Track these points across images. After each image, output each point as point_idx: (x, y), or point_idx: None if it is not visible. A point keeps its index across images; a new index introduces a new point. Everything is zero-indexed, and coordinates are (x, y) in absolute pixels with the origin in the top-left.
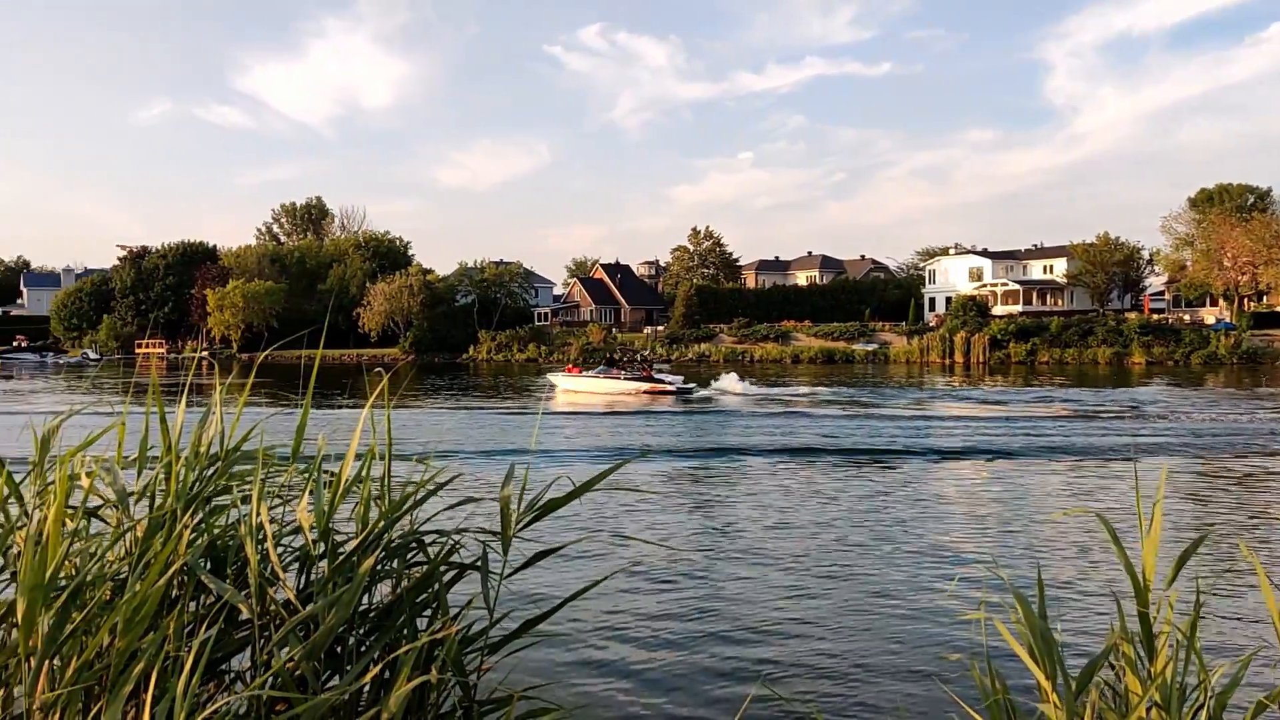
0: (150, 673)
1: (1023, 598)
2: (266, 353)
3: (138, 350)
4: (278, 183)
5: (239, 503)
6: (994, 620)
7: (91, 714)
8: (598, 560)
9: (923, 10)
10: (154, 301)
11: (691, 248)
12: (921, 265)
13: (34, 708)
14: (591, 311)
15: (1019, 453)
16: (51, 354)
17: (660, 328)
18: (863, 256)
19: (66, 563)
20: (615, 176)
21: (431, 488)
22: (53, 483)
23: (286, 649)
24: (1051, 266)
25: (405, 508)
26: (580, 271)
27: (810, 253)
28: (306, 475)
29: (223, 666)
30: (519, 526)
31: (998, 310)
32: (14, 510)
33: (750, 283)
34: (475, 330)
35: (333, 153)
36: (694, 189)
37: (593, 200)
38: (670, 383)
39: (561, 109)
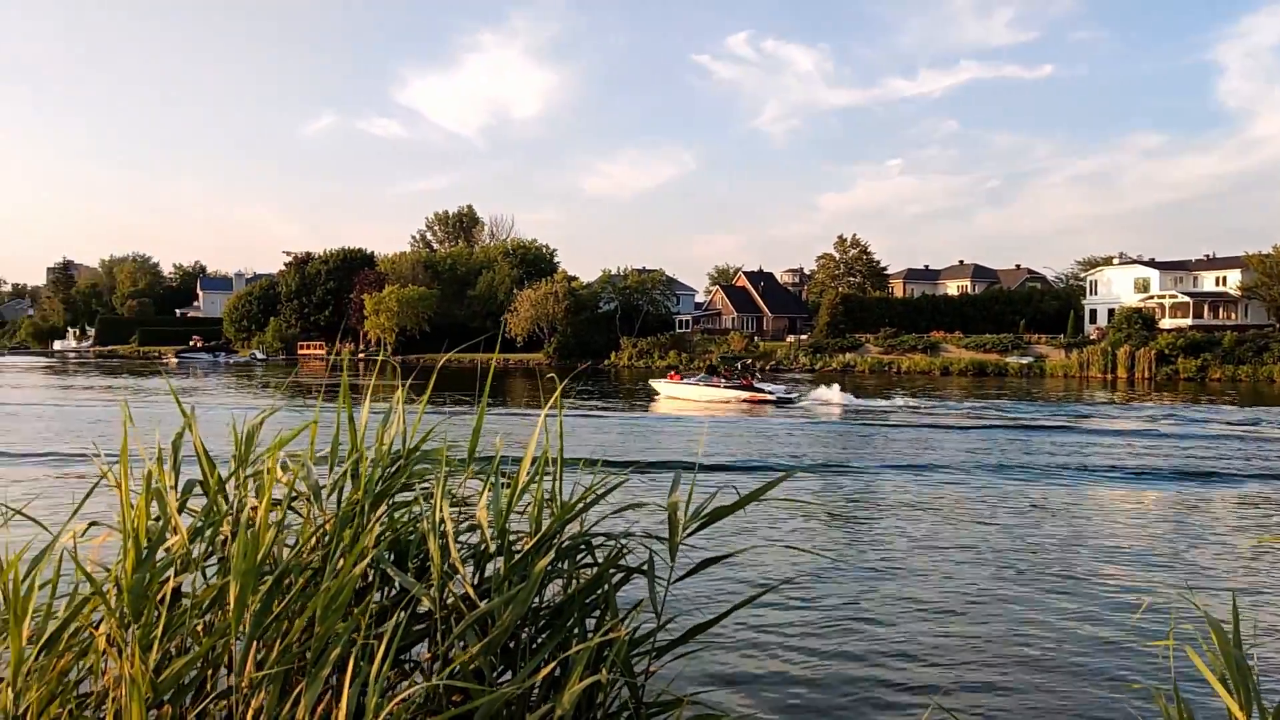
0: (346, 658)
1: (1217, 625)
2: (447, 356)
3: (300, 351)
4: (431, 192)
5: (421, 500)
6: (1185, 648)
7: (293, 695)
8: (754, 569)
9: (1087, 11)
10: (315, 305)
11: (837, 255)
12: (1082, 276)
13: (241, 685)
14: (733, 319)
15: (1194, 474)
16: (223, 354)
17: (804, 336)
18: (1018, 266)
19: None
20: (759, 184)
21: (600, 492)
22: (254, 475)
23: (463, 642)
24: (1225, 278)
25: (577, 510)
26: (722, 279)
27: (962, 262)
28: (480, 476)
29: (401, 656)
30: (686, 533)
31: (1165, 323)
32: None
33: (898, 292)
34: (617, 336)
35: (483, 162)
36: (840, 196)
37: (736, 208)
38: (770, 392)
39: (707, 117)
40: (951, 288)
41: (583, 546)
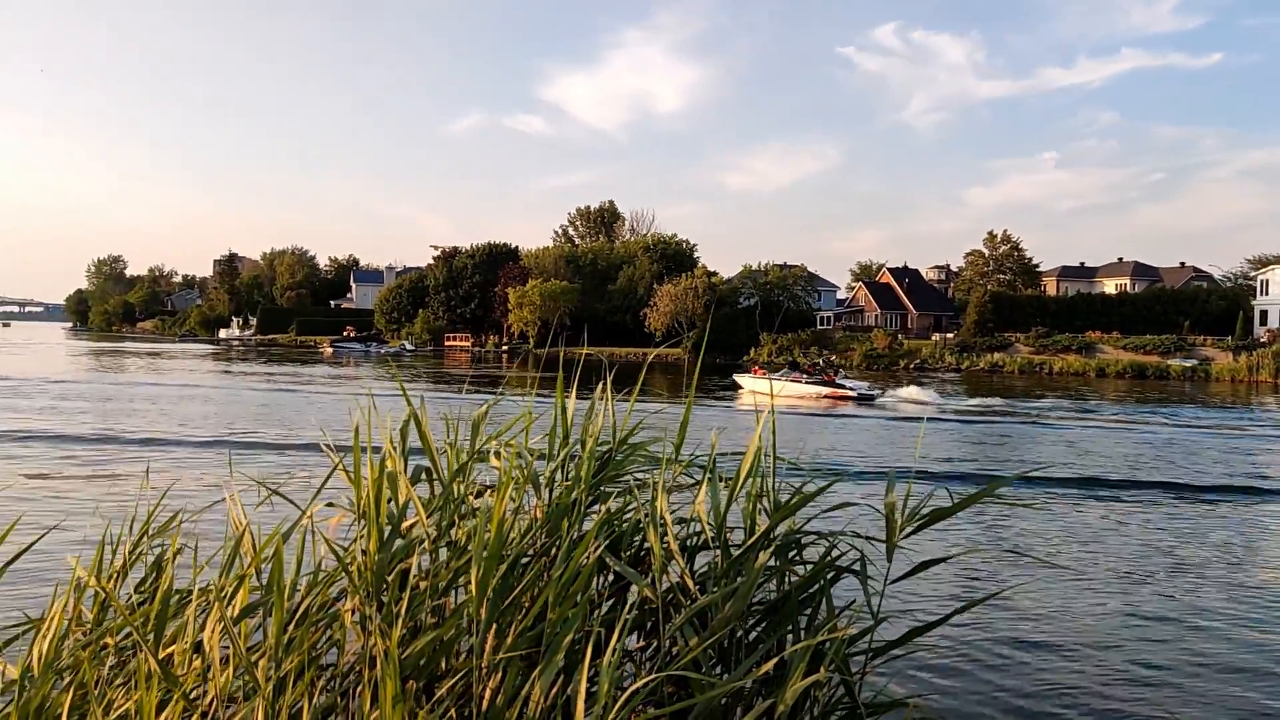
0: (576, 644)
1: None
2: (666, 348)
3: (446, 343)
4: (573, 187)
5: (635, 491)
6: None
7: (532, 678)
8: (966, 574)
9: None
10: (462, 298)
11: (987, 252)
12: (1252, 275)
13: (481, 666)
14: (876, 316)
15: None
16: (375, 344)
17: (950, 335)
18: (1182, 264)
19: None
20: (904, 178)
21: (813, 490)
22: (475, 462)
23: (681, 634)
24: None
25: (794, 507)
26: (865, 275)
27: (1121, 259)
28: (683, 470)
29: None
30: (903, 534)
31: None
32: (421, 488)
33: (1051, 290)
34: (757, 332)
35: (625, 158)
36: (989, 191)
37: (880, 203)
38: (851, 389)
39: (851, 111)
40: (1109, 286)
41: (795, 544)
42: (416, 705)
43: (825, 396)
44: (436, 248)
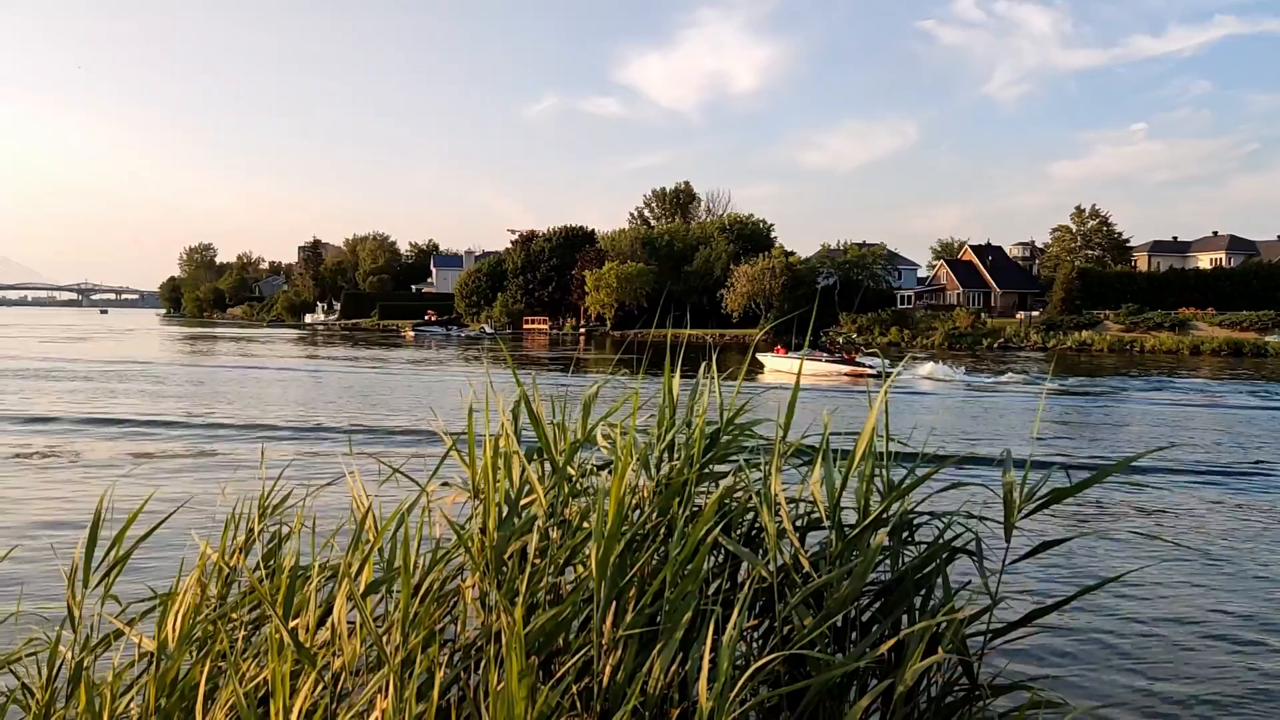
0: (694, 622)
1: None
2: (768, 331)
3: (524, 326)
4: (648, 168)
5: (747, 470)
6: None
7: (651, 656)
8: (1086, 556)
9: None
10: (539, 281)
11: (1074, 227)
12: None
13: (602, 643)
14: (958, 295)
15: None
16: (455, 327)
17: (1035, 313)
18: None
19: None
20: (986, 154)
21: (926, 471)
22: (583, 443)
23: (796, 614)
24: None
25: (908, 488)
26: (946, 253)
27: (1216, 233)
28: (794, 453)
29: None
30: (1021, 514)
31: None
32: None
33: (1141, 265)
34: (836, 312)
35: (700, 138)
36: (1075, 164)
37: (961, 179)
38: (871, 366)
39: (931, 86)
40: (1203, 261)
41: (908, 524)
42: (537, 681)
43: (846, 374)
44: (514, 231)
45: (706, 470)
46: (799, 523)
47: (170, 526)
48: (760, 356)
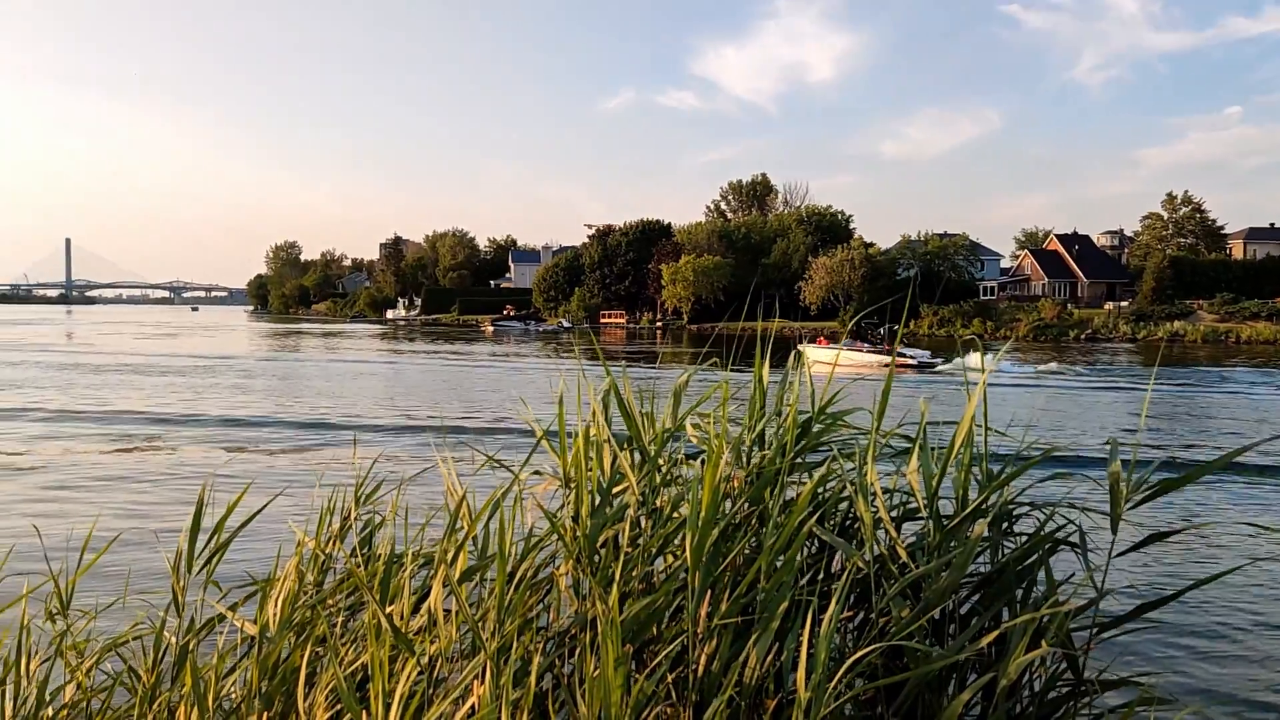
0: (791, 613)
1: None
2: (821, 320)
3: (601, 320)
4: (725, 161)
5: (841, 460)
6: None
7: (746, 646)
8: (1198, 547)
9: None
10: (616, 275)
11: (1165, 215)
12: None
13: (697, 632)
14: (1043, 285)
15: None
16: (533, 322)
17: (1124, 303)
18: None
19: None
20: (1072, 141)
21: (1028, 460)
22: (677, 428)
23: (893, 605)
24: None
25: (1008, 478)
26: (1031, 242)
27: None
28: (890, 443)
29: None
30: (1128, 505)
31: None
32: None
33: (1237, 253)
34: (916, 304)
35: (777, 129)
36: (1165, 150)
37: (1046, 167)
38: (912, 357)
39: (1015, 72)
40: None
41: (1008, 515)
42: (631, 669)
43: (886, 365)
44: (591, 226)
45: (798, 460)
46: (894, 513)
47: (267, 515)
48: (801, 347)
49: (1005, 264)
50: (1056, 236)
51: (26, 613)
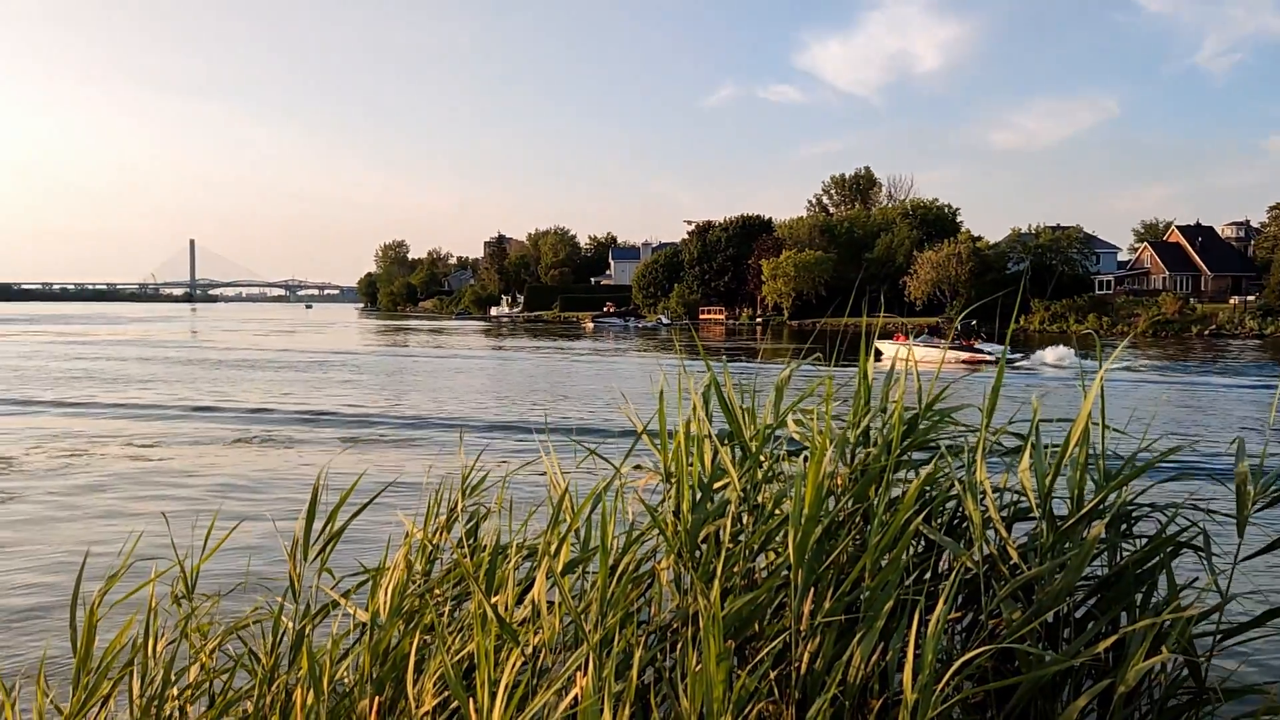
0: (896, 612)
1: None
2: (926, 317)
3: (701, 316)
4: (827, 155)
5: (949, 457)
6: None
7: (851, 645)
8: None
9: None
10: (716, 271)
11: None
12: None
13: (800, 629)
14: (1164, 279)
15: None
16: (633, 319)
17: (1251, 298)
18: None
19: (785, 499)
20: (1194, 128)
21: (1149, 460)
22: (779, 424)
23: (1003, 607)
24: None
25: (1126, 476)
26: (1149, 235)
27: None
28: (992, 438)
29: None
30: (1257, 507)
31: None
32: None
33: None
34: (1027, 299)
35: (881, 122)
36: None
37: (1166, 156)
38: (989, 352)
39: (1132, 58)
40: None
41: (1126, 516)
42: (733, 665)
43: (963, 361)
44: (690, 222)
45: (904, 457)
46: (1005, 513)
47: (376, 506)
48: (878, 344)
49: (1123, 257)
50: (1178, 228)
51: (154, 596)
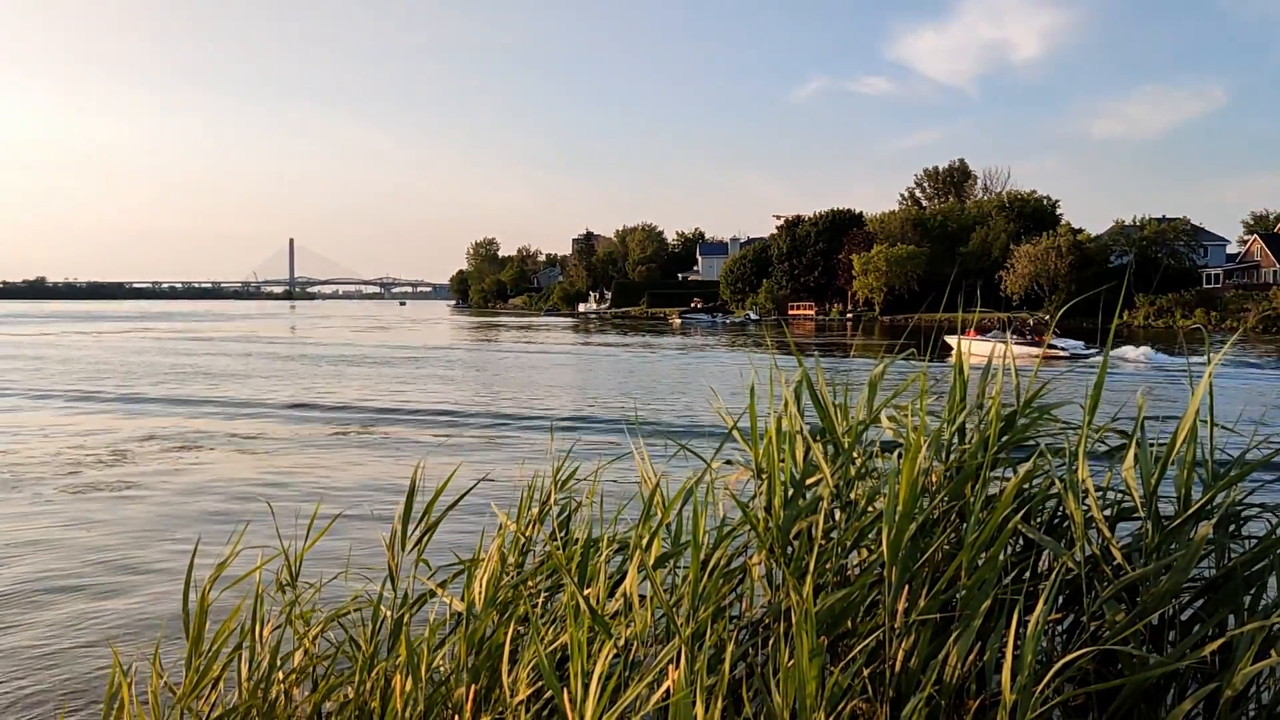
0: (995, 611)
1: None
2: (1024, 312)
3: (790, 312)
4: (920, 147)
5: (1048, 455)
6: None
7: (947, 644)
8: None
9: None
10: (805, 266)
11: None
12: None
13: (895, 626)
14: (1275, 273)
15: None
16: (720, 315)
17: None
18: None
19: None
20: None
21: (1259, 457)
22: (873, 420)
23: (1105, 609)
24: None
25: (1235, 476)
26: (1260, 226)
27: None
28: (1094, 435)
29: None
30: None
31: None
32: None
33: None
34: (1131, 294)
35: (976, 113)
36: None
37: (1276, 145)
38: (1064, 348)
39: (1242, 43)
40: None
41: (1234, 517)
42: (826, 662)
43: (1035, 357)
44: (779, 217)
45: (1001, 455)
46: (1107, 512)
47: (470, 499)
48: (948, 339)
49: (1232, 249)
50: None
51: (260, 583)
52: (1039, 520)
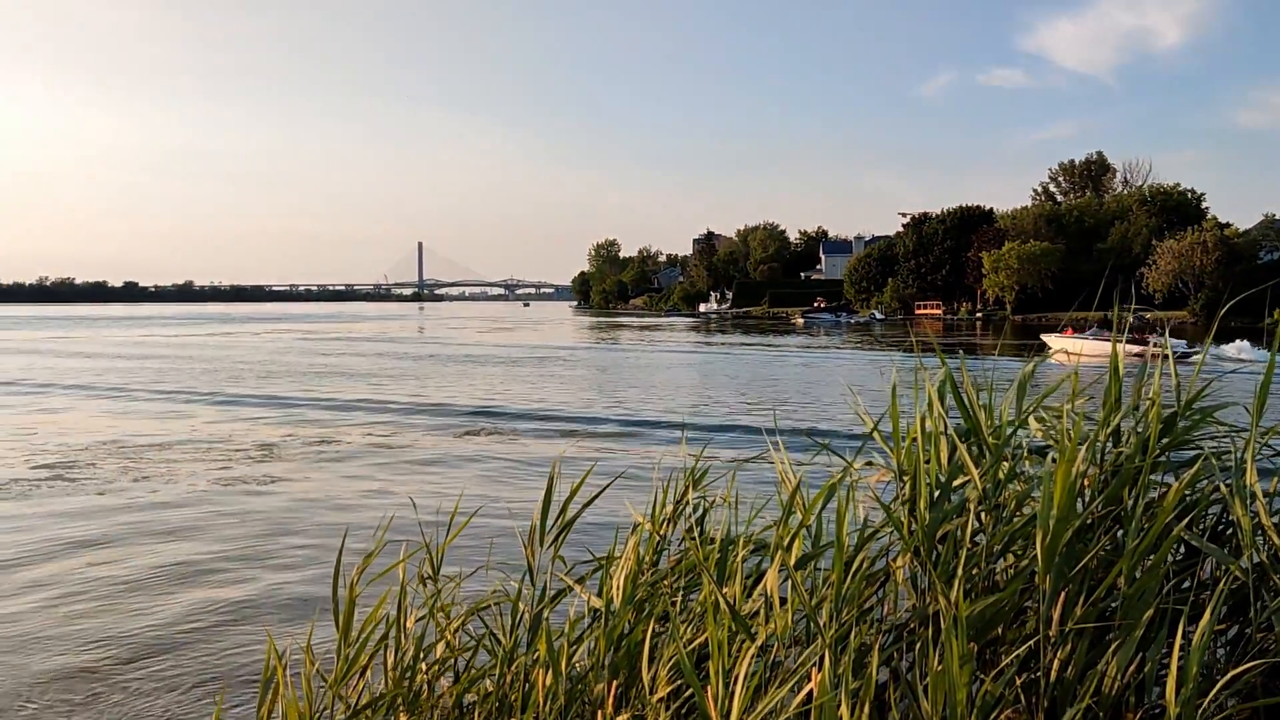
0: (1157, 620)
1: None
2: (1167, 311)
3: (916, 311)
4: (1054, 140)
5: (1213, 459)
6: None
7: (1106, 654)
8: None
9: None
10: (932, 265)
11: None
12: None
13: (1050, 633)
14: None
15: None
16: (844, 314)
17: None
18: None
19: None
20: None
21: None
22: (1022, 421)
23: (1276, 620)
24: None
25: None
26: None
27: None
28: (1262, 439)
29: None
30: None
31: None
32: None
33: None
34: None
35: (1115, 104)
36: None
37: None
38: (1172, 348)
39: None
40: None
41: None
42: (975, 669)
43: (1136, 355)
44: (905, 214)
45: (1161, 458)
46: (1276, 519)
47: (605, 499)
48: (1045, 337)
49: None
50: None
51: (404, 575)
52: (1202, 527)
